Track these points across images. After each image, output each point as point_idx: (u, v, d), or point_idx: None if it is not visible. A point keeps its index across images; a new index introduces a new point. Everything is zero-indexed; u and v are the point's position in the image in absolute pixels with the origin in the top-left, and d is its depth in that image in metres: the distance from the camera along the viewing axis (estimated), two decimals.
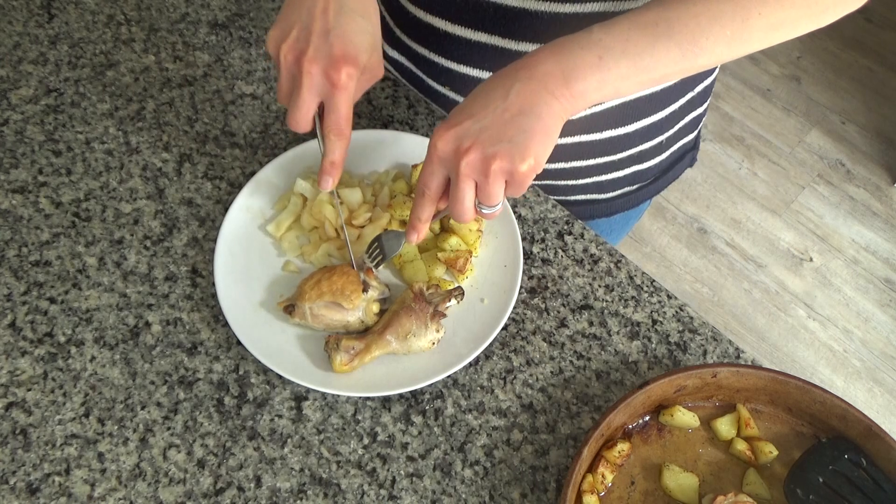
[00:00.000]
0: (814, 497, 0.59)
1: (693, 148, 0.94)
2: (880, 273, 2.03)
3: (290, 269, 0.70)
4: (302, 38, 0.57)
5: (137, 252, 0.72)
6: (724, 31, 0.53)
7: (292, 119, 0.59)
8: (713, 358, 0.69)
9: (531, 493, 0.61)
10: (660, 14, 0.53)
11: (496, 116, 0.53)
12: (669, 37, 0.52)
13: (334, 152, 0.61)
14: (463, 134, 0.54)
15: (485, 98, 0.54)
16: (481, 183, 0.55)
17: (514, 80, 0.53)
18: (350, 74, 0.57)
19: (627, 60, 0.53)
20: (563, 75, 0.53)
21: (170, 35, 0.89)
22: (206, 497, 0.60)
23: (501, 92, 0.53)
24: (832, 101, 2.36)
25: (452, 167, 0.55)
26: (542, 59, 0.53)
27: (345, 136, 0.60)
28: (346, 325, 0.65)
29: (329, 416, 0.64)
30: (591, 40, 0.53)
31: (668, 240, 2.08)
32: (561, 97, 0.53)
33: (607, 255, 0.74)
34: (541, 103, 0.53)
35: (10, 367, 0.65)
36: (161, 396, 0.64)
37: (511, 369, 0.67)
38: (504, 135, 0.53)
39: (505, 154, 0.53)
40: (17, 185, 0.76)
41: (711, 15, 0.52)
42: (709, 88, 0.86)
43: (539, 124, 0.53)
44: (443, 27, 0.73)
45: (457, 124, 0.54)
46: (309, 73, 0.57)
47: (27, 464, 0.61)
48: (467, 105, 0.55)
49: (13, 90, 0.83)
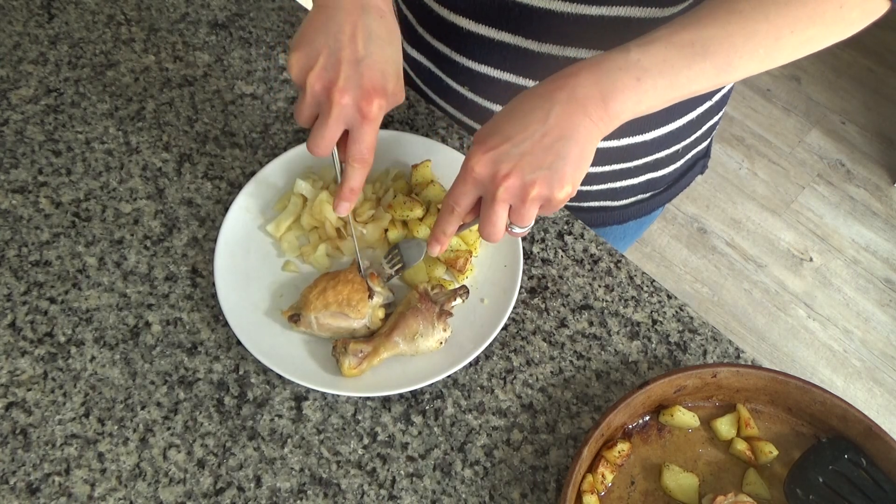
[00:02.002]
0: (814, 497, 0.59)
1: (705, 156, 0.94)
2: (880, 273, 2.03)
3: (290, 269, 0.70)
4: (330, 65, 0.56)
5: (137, 252, 0.72)
6: (758, 50, 0.53)
7: (314, 145, 0.59)
8: (713, 358, 0.69)
9: (531, 493, 0.61)
10: (696, 34, 0.52)
11: (535, 141, 0.53)
12: (704, 57, 0.52)
13: (354, 179, 0.61)
14: (501, 158, 0.53)
15: (523, 120, 0.53)
16: (517, 207, 0.55)
17: (554, 102, 0.53)
18: (381, 106, 0.57)
19: (664, 80, 0.53)
20: (601, 97, 0.52)
21: (170, 35, 0.89)
22: (206, 497, 0.60)
23: (540, 114, 0.53)
24: (832, 101, 2.36)
25: (489, 191, 0.55)
26: (581, 81, 0.53)
27: (368, 164, 0.60)
28: (353, 332, 0.65)
29: (329, 416, 0.64)
30: (630, 61, 0.52)
31: (668, 240, 2.08)
32: (598, 120, 0.53)
33: (607, 255, 0.74)
34: (579, 127, 0.53)
35: (10, 367, 0.65)
36: (161, 396, 0.64)
37: (511, 369, 0.67)
38: (543, 161, 0.53)
39: (543, 181, 0.53)
40: (17, 185, 0.76)
41: (746, 34, 0.52)
42: (726, 96, 0.86)
43: (577, 149, 0.53)
44: (466, 26, 0.72)
45: (494, 147, 0.53)
46: (339, 104, 0.56)
47: (27, 464, 0.61)
48: (504, 125, 0.54)
49: (13, 90, 0.83)
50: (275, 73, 0.86)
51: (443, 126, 0.82)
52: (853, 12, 0.53)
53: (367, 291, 0.65)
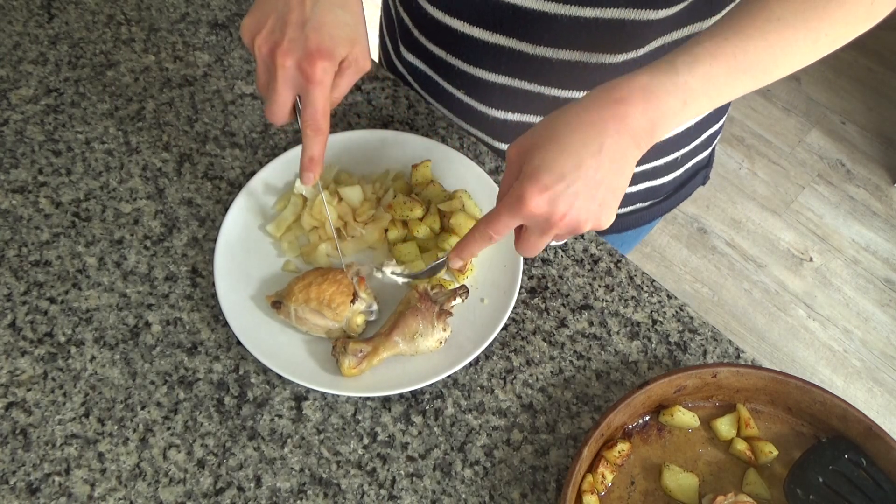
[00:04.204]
0: (814, 497, 0.59)
1: (707, 165, 0.93)
2: (880, 273, 2.03)
3: (289, 269, 0.70)
4: (277, 28, 0.56)
5: (137, 252, 0.72)
6: (795, 58, 0.53)
7: (269, 111, 0.58)
8: (713, 358, 0.69)
9: (531, 493, 0.61)
10: (738, 46, 0.52)
11: (589, 178, 0.52)
12: (745, 70, 0.52)
13: (312, 148, 0.60)
14: (557, 198, 0.52)
15: (576, 156, 0.52)
16: (563, 237, 0.56)
17: (605, 136, 0.52)
18: (325, 69, 0.56)
19: (706, 100, 0.53)
20: (651, 127, 0.52)
21: (170, 35, 0.89)
22: (206, 497, 0.60)
23: (593, 148, 0.52)
24: (832, 100, 2.36)
25: (542, 228, 0.55)
26: (633, 110, 0.52)
27: (322, 131, 0.59)
28: (329, 332, 0.65)
29: (329, 416, 0.64)
30: (678, 84, 0.52)
31: (668, 240, 2.08)
32: (644, 146, 0.53)
33: (607, 255, 0.74)
34: (630, 159, 0.53)
35: (10, 367, 0.65)
36: (161, 396, 0.64)
37: (511, 369, 0.67)
38: (595, 198, 0.53)
39: (595, 218, 0.54)
40: (17, 185, 0.76)
41: (785, 43, 0.52)
42: (726, 105, 0.85)
43: (624, 181, 0.53)
44: (461, 29, 0.72)
45: (550, 187, 0.52)
46: (283, 67, 0.55)
47: (27, 464, 0.61)
48: (556, 160, 0.52)
49: (13, 90, 0.83)
50: None
51: (443, 126, 0.82)
52: (882, 7, 0.54)
53: (352, 295, 0.65)
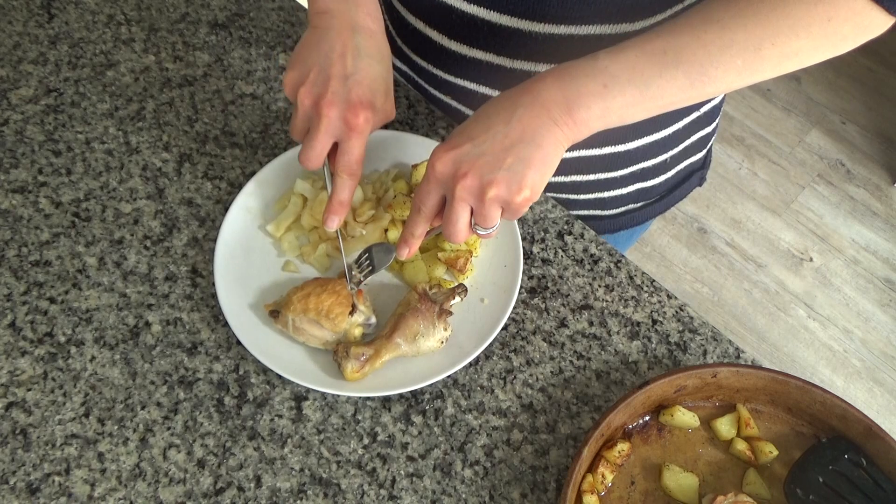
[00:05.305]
0: (814, 497, 0.59)
1: (702, 167, 0.93)
2: (880, 273, 2.03)
3: (290, 269, 0.70)
4: (319, 81, 0.58)
5: (137, 252, 0.72)
6: (735, 61, 0.51)
7: (305, 157, 0.60)
8: (713, 358, 0.69)
9: (531, 493, 0.61)
10: (668, 42, 0.51)
11: (496, 142, 0.53)
12: (677, 66, 0.51)
13: (344, 191, 0.62)
14: (461, 157, 0.54)
15: (486, 122, 0.54)
16: (477, 207, 0.55)
17: (517, 106, 0.53)
18: (367, 119, 0.59)
19: (633, 89, 0.52)
20: (566, 103, 0.52)
21: (170, 35, 0.89)
22: (206, 497, 0.60)
23: (504, 116, 0.53)
24: (832, 100, 2.36)
25: (448, 189, 0.55)
26: (546, 86, 0.53)
27: (357, 176, 0.62)
28: (325, 343, 0.65)
29: (329, 416, 0.64)
30: (597, 68, 0.52)
31: (668, 240, 2.08)
32: (563, 125, 0.53)
33: (607, 255, 0.74)
34: (542, 130, 0.52)
35: (10, 367, 0.65)
36: (161, 396, 0.64)
37: (511, 369, 0.67)
38: (502, 162, 0.52)
39: (501, 182, 0.53)
40: (17, 185, 0.76)
41: (722, 44, 0.50)
42: (717, 108, 0.84)
43: (538, 153, 0.53)
44: (440, 41, 0.73)
45: (456, 147, 0.54)
46: (328, 117, 0.58)
47: (27, 464, 0.61)
48: (468, 127, 0.55)
49: (13, 90, 0.83)
50: (275, 73, 0.86)
51: (443, 126, 0.82)
52: (844, 27, 0.51)
53: (351, 307, 0.65)
